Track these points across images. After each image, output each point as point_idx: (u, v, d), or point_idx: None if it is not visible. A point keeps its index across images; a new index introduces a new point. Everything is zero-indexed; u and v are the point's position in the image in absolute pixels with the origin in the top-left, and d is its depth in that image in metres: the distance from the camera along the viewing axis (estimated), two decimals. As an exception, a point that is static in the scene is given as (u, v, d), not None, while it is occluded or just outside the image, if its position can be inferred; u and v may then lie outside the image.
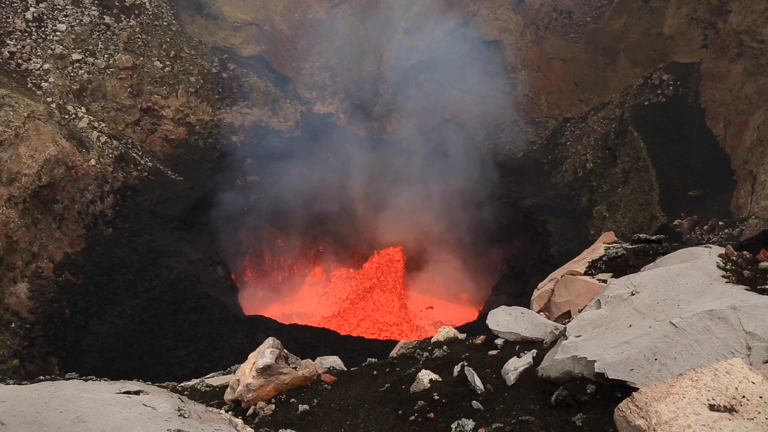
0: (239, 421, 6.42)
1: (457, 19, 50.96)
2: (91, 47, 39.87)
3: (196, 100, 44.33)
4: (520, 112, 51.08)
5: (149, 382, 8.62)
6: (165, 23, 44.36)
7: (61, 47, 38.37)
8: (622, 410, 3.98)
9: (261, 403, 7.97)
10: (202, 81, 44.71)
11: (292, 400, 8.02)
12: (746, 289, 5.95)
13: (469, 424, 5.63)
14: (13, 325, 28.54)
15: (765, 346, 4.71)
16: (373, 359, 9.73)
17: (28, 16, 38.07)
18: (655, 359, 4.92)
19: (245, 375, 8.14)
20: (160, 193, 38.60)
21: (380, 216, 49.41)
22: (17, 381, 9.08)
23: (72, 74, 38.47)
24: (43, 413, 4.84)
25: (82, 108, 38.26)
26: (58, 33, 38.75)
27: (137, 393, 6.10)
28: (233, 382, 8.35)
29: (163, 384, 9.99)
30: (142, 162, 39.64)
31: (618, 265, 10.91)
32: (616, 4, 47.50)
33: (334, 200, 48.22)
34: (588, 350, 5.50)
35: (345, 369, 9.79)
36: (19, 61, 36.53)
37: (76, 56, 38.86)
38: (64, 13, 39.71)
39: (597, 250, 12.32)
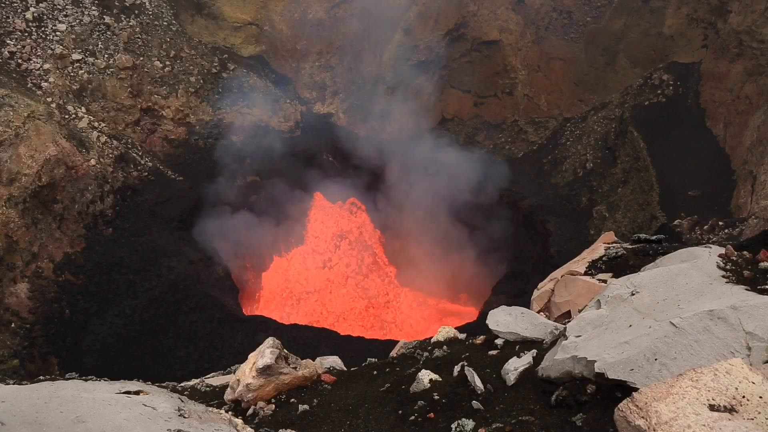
0: (239, 421, 6.41)
1: (457, 19, 50.93)
2: (91, 47, 39.85)
3: (196, 100, 44.31)
4: (520, 112, 51.06)
5: (149, 382, 8.63)
6: (165, 23, 44.35)
7: (61, 47, 38.36)
8: (622, 410, 3.98)
9: (261, 403, 7.98)
10: (202, 81, 44.70)
11: (292, 400, 8.02)
12: (746, 289, 5.95)
13: (469, 424, 5.63)
14: (13, 325, 28.53)
15: (765, 346, 4.71)
16: (373, 359, 9.75)
17: (28, 16, 38.06)
18: (655, 359, 4.93)
19: (245, 375, 8.14)
20: (160, 193, 38.58)
21: (380, 216, 49.39)
22: (17, 381, 9.10)
23: (72, 74, 38.45)
24: (43, 413, 4.84)
25: (82, 108, 38.25)
26: (58, 33, 38.73)
27: (137, 393, 6.09)
28: (233, 382, 8.35)
29: (163, 384, 10.00)
30: (142, 162, 39.64)
31: (618, 265, 10.92)
32: (616, 4, 47.48)
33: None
34: (588, 350, 5.50)
35: (345, 369, 9.79)
36: (19, 61, 36.52)
37: (76, 56, 38.84)
38: (64, 13, 39.69)
39: (597, 250, 12.33)
